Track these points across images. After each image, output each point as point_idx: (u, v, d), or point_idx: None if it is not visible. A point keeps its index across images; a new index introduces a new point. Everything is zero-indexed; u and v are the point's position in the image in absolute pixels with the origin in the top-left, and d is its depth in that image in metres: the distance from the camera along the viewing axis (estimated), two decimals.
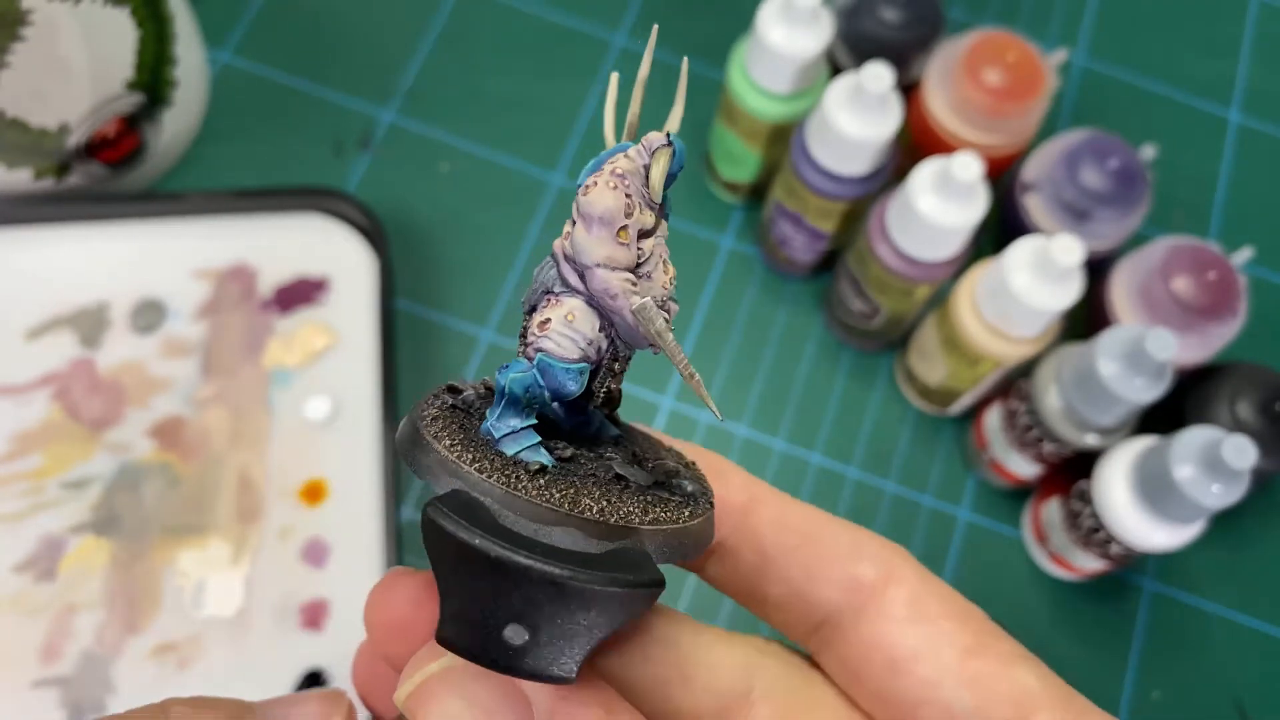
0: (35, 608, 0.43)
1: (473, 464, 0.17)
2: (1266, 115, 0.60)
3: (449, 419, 0.18)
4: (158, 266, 0.49)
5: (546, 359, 0.17)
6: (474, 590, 0.16)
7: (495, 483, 0.16)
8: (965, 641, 0.19)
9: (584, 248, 0.17)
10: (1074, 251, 0.40)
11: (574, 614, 0.16)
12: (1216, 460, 0.37)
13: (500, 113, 0.55)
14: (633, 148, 0.18)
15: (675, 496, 0.18)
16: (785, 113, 0.47)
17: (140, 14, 0.46)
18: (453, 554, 0.16)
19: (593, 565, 0.16)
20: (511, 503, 0.16)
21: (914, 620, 0.19)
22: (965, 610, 0.20)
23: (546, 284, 0.18)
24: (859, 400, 0.51)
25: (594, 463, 0.18)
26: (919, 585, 0.20)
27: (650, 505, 0.17)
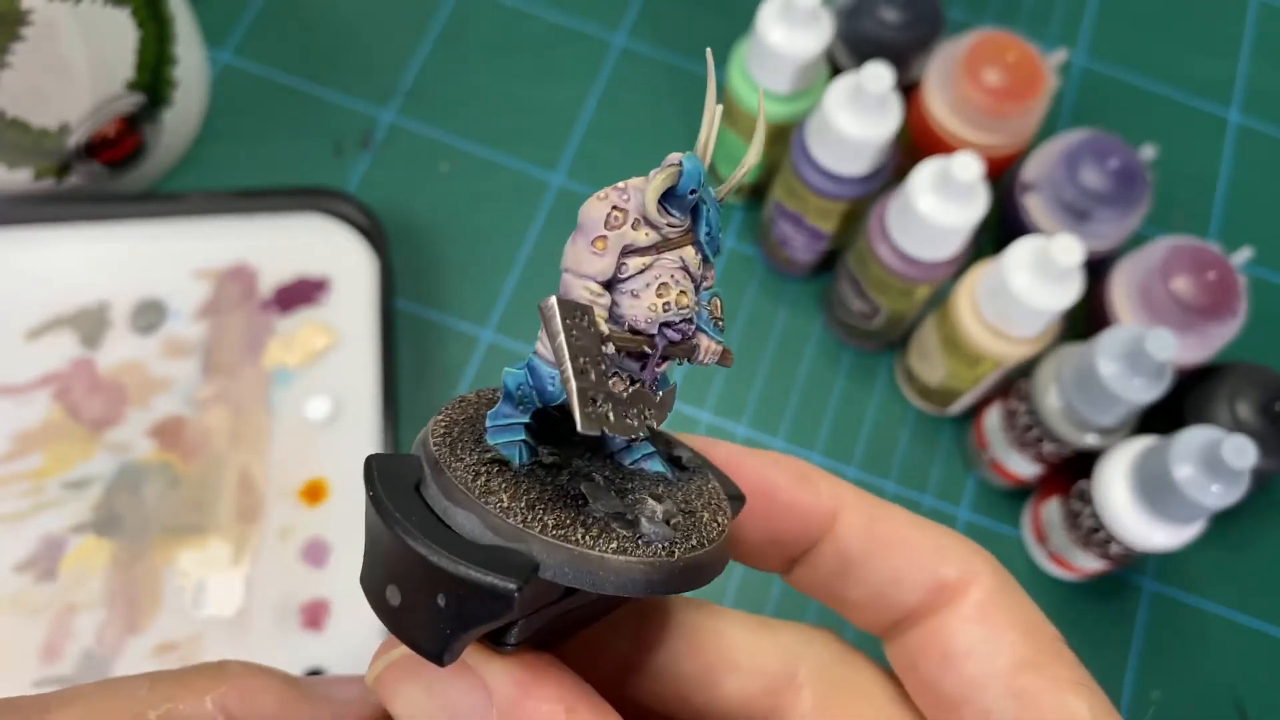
0: (36, 607, 0.43)
1: (435, 435, 0.18)
2: (1266, 115, 0.60)
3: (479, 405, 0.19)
4: (158, 266, 0.49)
5: (535, 360, 0.18)
6: (371, 541, 0.17)
7: (437, 454, 0.17)
8: (1025, 654, 0.19)
9: (570, 253, 0.17)
10: (1074, 251, 0.40)
11: (430, 590, 0.16)
12: (1216, 460, 0.37)
13: (500, 113, 0.55)
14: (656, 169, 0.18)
15: (624, 531, 0.17)
16: (785, 113, 0.47)
17: (140, 14, 0.46)
18: (370, 503, 0.17)
19: (461, 551, 0.16)
20: (437, 476, 0.17)
21: (979, 620, 0.19)
22: (1034, 625, 0.20)
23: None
24: (859, 400, 0.51)
25: (571, 478, 0.18)
26: (995, 591, 0.20)
27: (579, 525, 0.17)
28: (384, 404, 0.46)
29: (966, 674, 0.19)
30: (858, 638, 0.23)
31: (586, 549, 0.17)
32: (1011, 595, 0.20)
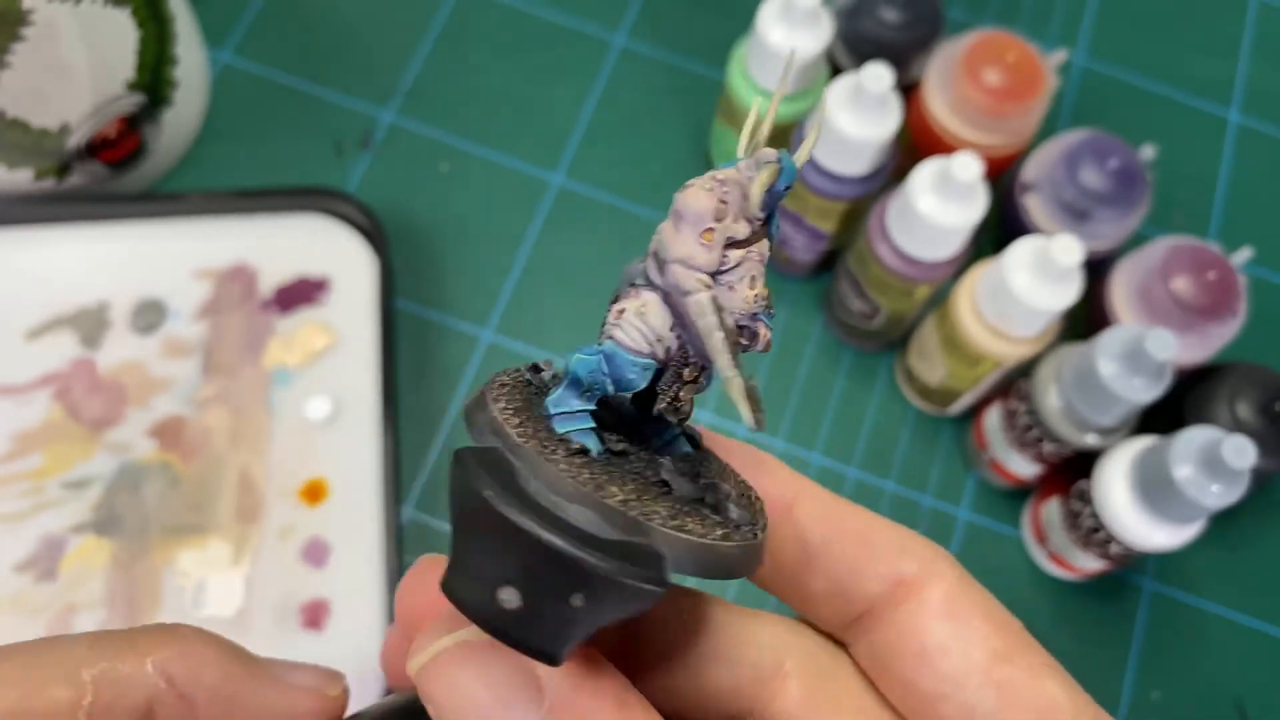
0: (36, 607, 0.43)
1: (516, 427, 0.17)
2: (1266, 115, 0.60)
3: (517, 388, 0.18)
4: (158, 266, 0.49)
5: (614, 346, 0.18)
6: (479, 543, 0.16)
7: (531, 447, 0.16)
8: (997, 645, 0.19)
9: (668, 243, 0.17)
10: (1074, 251, 0.40)
11: (567, 591, 0.16)
12: (1216, 460, 0.37)
13: (500, 113, 0.55)
14: (743, 161, 0.18)
15: (716, 516, 0.18)
16: (785, 113, 0.47)
17: (141, 14, 0.46)
18: (467, 503, 0.16)
19: (598, 548, 0.16)
20: (539, 469, 0.16)
21: (948, 616, 0.20)
22: (1002, 617, 0.20)
23: (632, 277, 0.18)
24: (859, 400, 0.51)
25: (644, 464, 0.18)
26: (958, 586, 0.20)
27: (683, 514, 0.17)
28: (384, 404, 0.46)
29: (944, 670, 0.19)
30: None
31: (700, 539, 0.17)
32: (974, 589, 0.20)
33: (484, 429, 0.17)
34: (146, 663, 0.18)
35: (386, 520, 0.44)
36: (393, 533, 0.44)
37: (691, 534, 0.17)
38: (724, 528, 0.17)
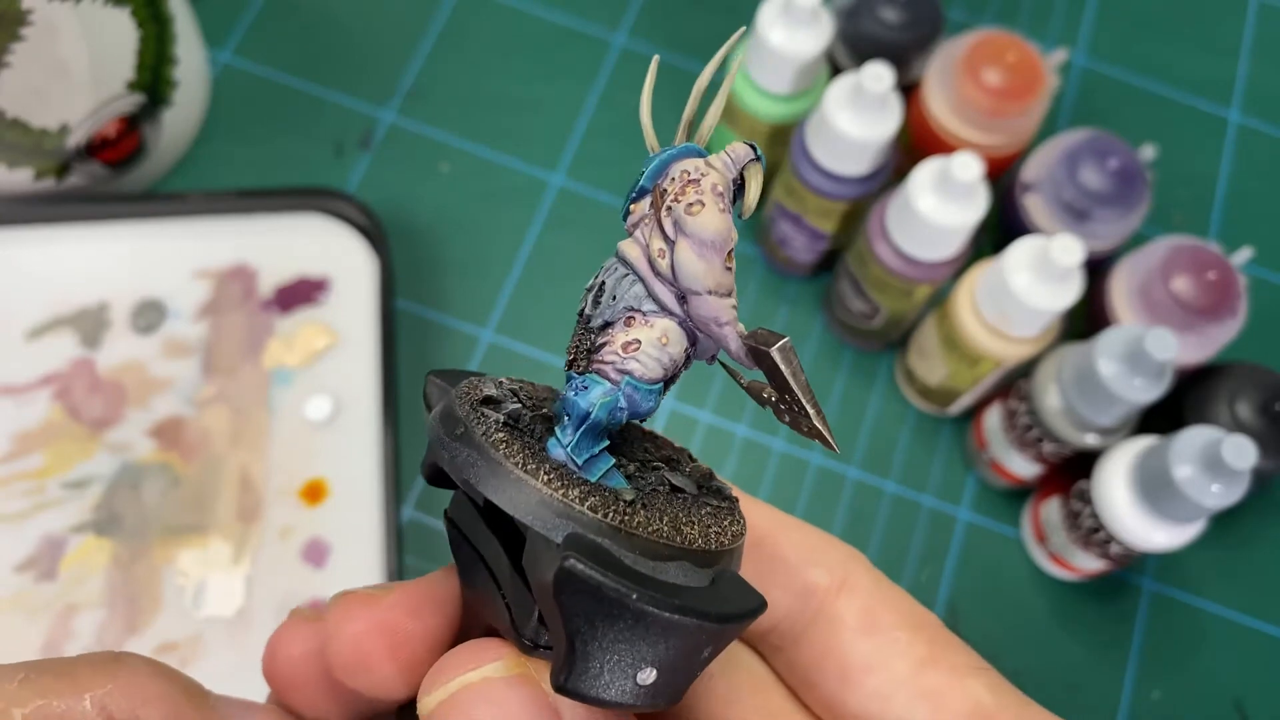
0: (36, 607, 0.43)
1: (583, 502, 0.16)
2: (1266, 115, 0.60)
3: (515, 442, 0.16)
4: (158, 266, 0.49)
5: (633, 381, 0.17)
6: (615, 640, 0.15)
7: (610, 521, 0.16)
8: (919, 653, 0.19)
9: (695, 273, 0.16)
10: (1074, 251, 0.40)
11: (702, 650, 0.16)
12: (1216, 460, 0.37)
13: (500, 113, 0.55)
14: (716, 158, 0.17)
15: (723, 503, 0.18)
16: (785, 113, 0.47)
17: (141, 14, 0.46)
18: (596, 607, 0.15)
19: (715, 602, 0.16)
20: (627, 541, 0.16)
21: (867, 630, 0.19)
22: (920, 619, 0.20)
23: (631, 302, 0.17)
24: (859, 400, 0.51)
25: (647, 473, 0.18)
26: (874, 593, 0.19)
27: (719, 519, 0.17)
28: (384, 404, 0.46)
29: (870, 689, 0.19)
30: None
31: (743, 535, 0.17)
32: (890, 594, 0.20)
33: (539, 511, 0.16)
34: (85, 698, 0.17)
35: (386, 520, 0.44)
36: (393, 533, 0.44)
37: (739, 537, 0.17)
38: (733, 510, 0.18)
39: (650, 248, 0.17)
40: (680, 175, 0.17)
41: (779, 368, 0.16)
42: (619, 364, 0.17)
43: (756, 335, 0.17)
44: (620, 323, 0.17)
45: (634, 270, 0.17)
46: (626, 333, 0.17)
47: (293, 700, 0.19)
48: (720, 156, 0.17)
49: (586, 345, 0.17)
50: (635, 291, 0.17)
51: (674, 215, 0.16)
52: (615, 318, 0.17)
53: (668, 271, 0.17)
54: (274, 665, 0.19)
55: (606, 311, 0.17)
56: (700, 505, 0.17)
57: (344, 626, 0.18)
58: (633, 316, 0.17)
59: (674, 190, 0.17)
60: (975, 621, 0.48)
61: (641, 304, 0.17)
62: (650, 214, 0.17)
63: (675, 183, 0.17)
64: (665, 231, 0.17)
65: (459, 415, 0.17)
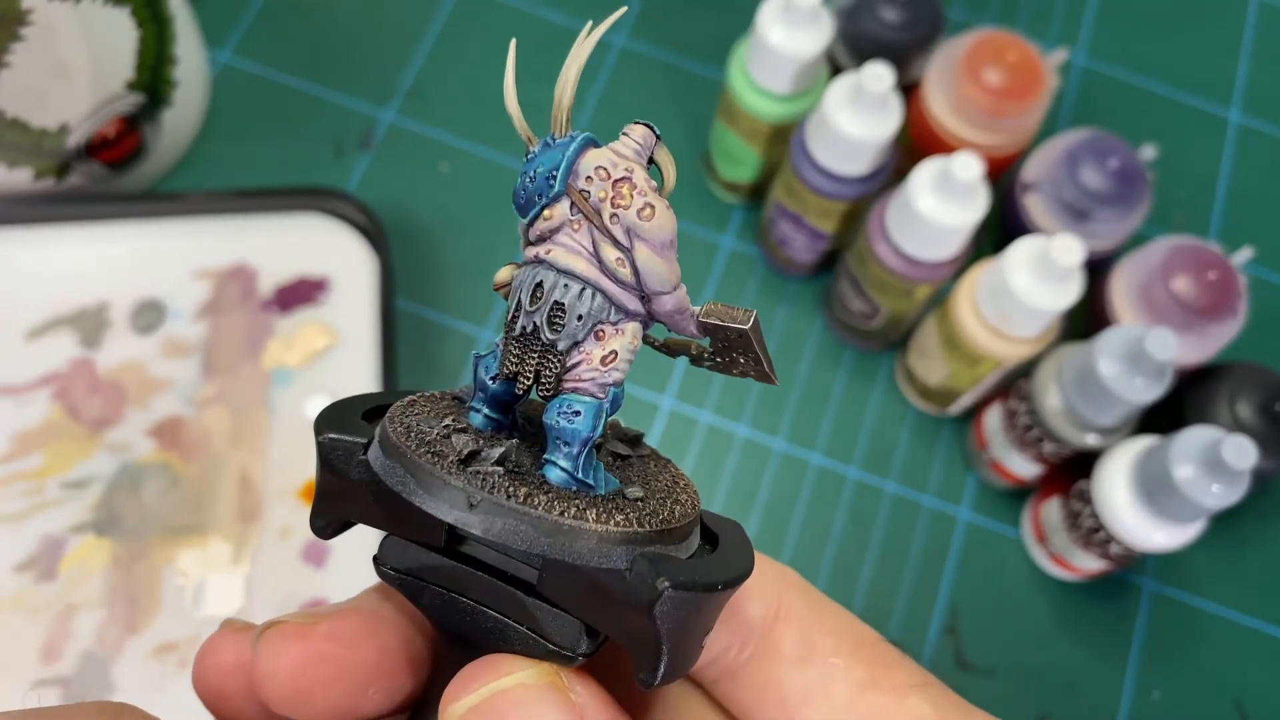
0: (36, 607, 0.43)
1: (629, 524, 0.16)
2: (1266, 115, 0.60)
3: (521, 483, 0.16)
4: (158, 266, 0.49)
5: (617, 391, 0.17)
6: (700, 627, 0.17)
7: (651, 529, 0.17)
8: (858, 676, 0.19)
9: (660, 275, 0.17)
10: (1074, 251, 0.40)
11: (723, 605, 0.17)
12: (1216, 460, 0.37)
13: (500, 113, 0.55)
14: (622, 146, 0.17)
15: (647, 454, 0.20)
16: (785, 113, 0.47)
17: (140, 14, 0.46)
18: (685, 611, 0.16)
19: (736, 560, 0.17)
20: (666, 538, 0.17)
21: (804, 659, 0.19)
22: (858, 639, 0.19)
23: (597, 316, 0.17)
24: (859, 400, 0.51)
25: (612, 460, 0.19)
26: (809, 618, 0.19)
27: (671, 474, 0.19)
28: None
29: (812, 718, 0.19)
30: None
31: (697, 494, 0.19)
32: (828, 617, 0.19)
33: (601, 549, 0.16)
34: None
35: None
36: None
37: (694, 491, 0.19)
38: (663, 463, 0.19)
39: (604, 257, 0.17)
40: (599, 174, 0.16)
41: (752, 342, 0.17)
42: (600, 379, 0.17)
43: (713, 311, 0.17)
44: (590, 338, 0.17)
45: (588, 283, 0.17)
46: (601, 346, 0.17)
47: (221, 711, 0.19)
48: (628, 145, 0.17)
49: (553, 369, 0.17)
50: (598, 304, 0.17)
51: (624, 222, 0.16)
52: (582, 335, 0.17)
53: (630, 278, 0.17)
54: (203, 675, 0.19)
55: (573, 331, 0.17)
56: (645, 465, 0.18)
57: (277, 660, 0.18)
58: (602, 329, 0.17)
59: (607, 194, 0.16)
60: (975, 621, 0.48)
61: (607, 315, 0.17)
62: (576, 219, 0.17)
63: (601, 184, 0.16)
64: (616, 238, 0.16)
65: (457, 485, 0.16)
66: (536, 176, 0.17)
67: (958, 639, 0.47)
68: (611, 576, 0.16)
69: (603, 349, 0.17)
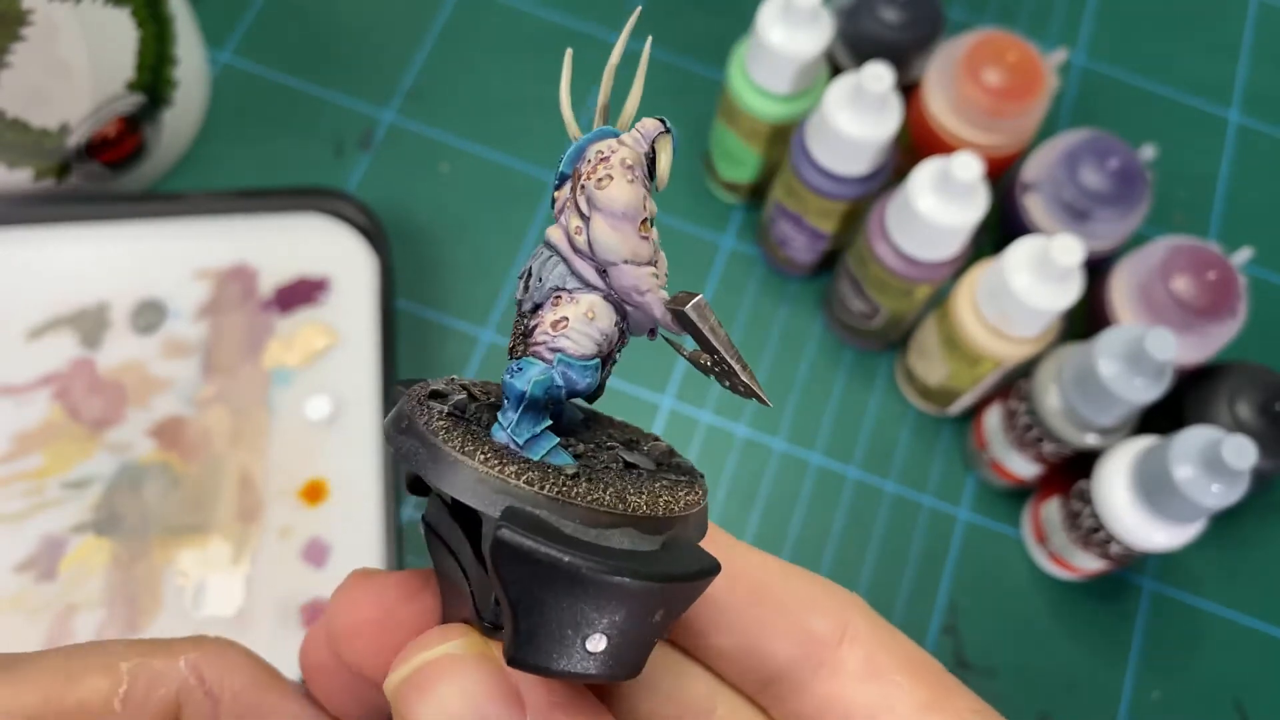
0: (36, 607, 0.43)
1: (520, 477, 0.16)
2: (1266, 115, 0.60)
3: (457, 429, 0.17)
4: (158, 266, 0.49)
5: (566, 358, 0.17)
6: (556, 607, 0.15)
7: (547, 493, 0.16)
8: (921, 697, 0.19)
9: (609, 245, 0.17)
10: (1074, 251, 0.40)
11: (652, 615, 0.16)
12: (1216, 460, 0.37)
13: (500, 113, 0.55)
14: (627, 135, 0.17)
15: (682, 476, 0.18)
16: (785, 113, 0.47)
17: (141, 14, 0.46)
18: (533, 574, 0.15)
19: (659, 563, 0.16)
20: (567, 511, 0.16)
21: (869, 677, 0.19)
22: (920, 663, 0.20)
23: (556, 282, 0.17)
24: (859, 400, 0.51)
25: (600, 453, 0.18)
26: (873, 639, 0.20)
27: (674, 490, 0.17)
28: (384, 404, 0.46)
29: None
30: None
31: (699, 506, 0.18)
32: (889, 637, 0.20)
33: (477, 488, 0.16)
34: (179, 660, 0.19)
35: (386, 520, 0.44)
36: (393, 533, 0.44)
37: (694, 506, 0.17)
38: (693, 483, 0.18)
39: (569, 227, 0.17)
40: (595, 156, 0.17)
41: (696, 325, 0.17)
42: (550, 343, 0.17)
43: (676, 298, 0.17)
44: (548, 303, 0.18)
45: (557, 251, 0.17)
46: (554, 311, 0.17)
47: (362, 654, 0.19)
48: (630, 133, 0.18)
49: (520, 330, 0.18)
50: (559, 271, 0.17)
51: (586, 193, 0.17)
52: (543, 299, 0.18)
53: (585, 247, 0.17)
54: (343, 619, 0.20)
55: (535, 294, 0.18)
56: (656, 479, 0.18)
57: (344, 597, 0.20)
58: (559, 296, 0.17)
59: (587, 170, 0.17)
60: (975, 621, 0.48)
61: (565, 282, 0.17)
62: (570, 197, 0.18)
63: (589, 164, 0.17)
64: (581, 209, 0.17)
65: (405, 410, 0.17)
66: (561, 161, 0.18)
67: (957, 639, 0.48)
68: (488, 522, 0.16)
69: (555, 314, 0.17)
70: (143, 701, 0.18)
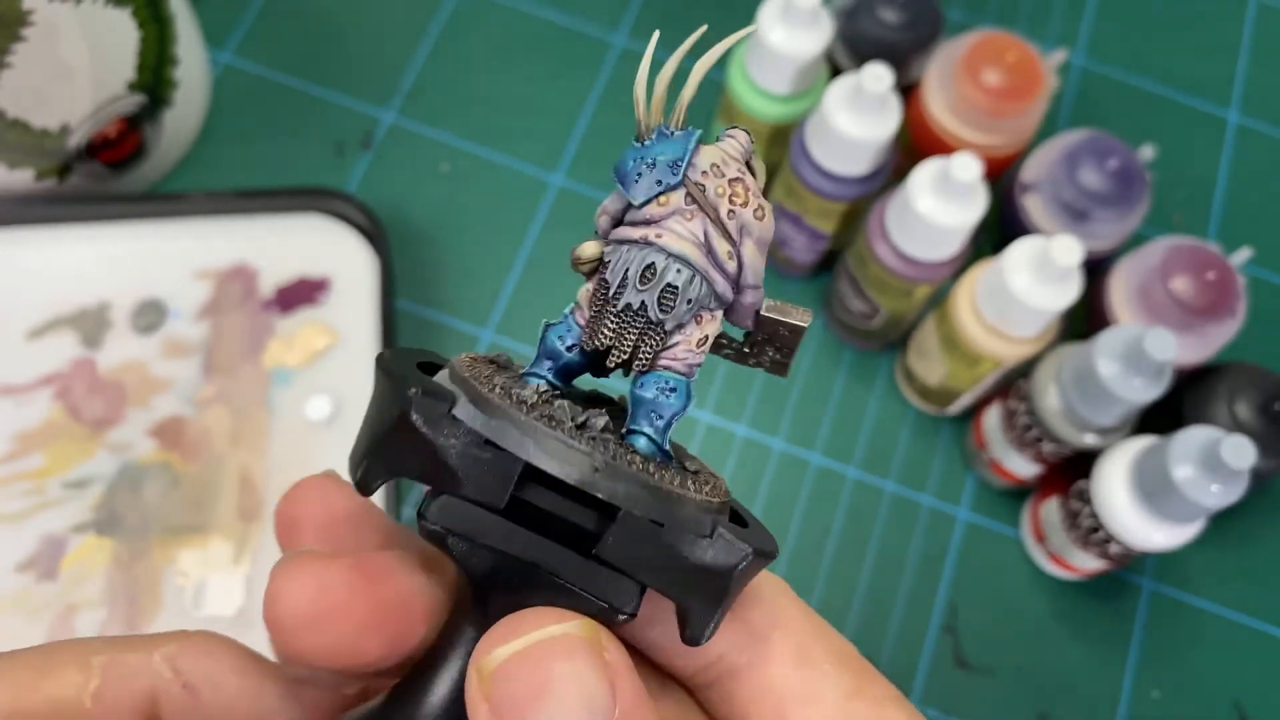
0: (37, 607, 0.43)
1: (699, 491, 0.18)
2: (1266, 115, 0.60)
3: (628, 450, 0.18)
4: (158, 266, 0.49)
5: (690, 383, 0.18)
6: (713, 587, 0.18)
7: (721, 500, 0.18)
8: (846, 685, 0.20)
9: (760, 270, 0.18)
10: (1073, 251, 0.40)
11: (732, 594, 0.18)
12: (1215, 460, 0.38)
13: (500, 113, 0.55)
14: (732, 148, 0.18)
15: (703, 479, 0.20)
16: (785, 113, 0.47)
17: (141, 15, 0.47)
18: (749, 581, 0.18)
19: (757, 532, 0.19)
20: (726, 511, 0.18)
21: (799, 664, 0.20)
22: (845, 652, 0.21)
23: (703, 302, 0.18)
24: (859, 400, 0.51)
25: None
26: (804, 626, 0.20)
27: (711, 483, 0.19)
28: None
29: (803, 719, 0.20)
30: None
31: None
32: (818, 627, 0.21)
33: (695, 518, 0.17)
34: (155, 654, 0.19)
35: None
36: None
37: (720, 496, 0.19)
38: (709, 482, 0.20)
39: (716, 249, 0.18)
40: (714, 170, 0.18)
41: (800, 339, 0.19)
42: (691, 360, 0.18)
43: (774, 306, 0.19)
44: (691, 322, 0.18)
45: (697, 270, 0.18)
46: (700, 330, 0.18)
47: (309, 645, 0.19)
48: (733, 147, 0.18)
49: (653, 346, 0.18)
50: (705, 291, 0.18)
51: (739, 219, 0.18)
52: (686, 318, 0.18)
53: (734, 271, 0.18)
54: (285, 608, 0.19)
55: (680, 313, 0.18)
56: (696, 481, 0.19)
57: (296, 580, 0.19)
58: (701, 314, 0.18)
59: (725, 190, 0.18)
60: (975, 621, 0.48)
61: (710, 302, 0.18)
62: (690, 209, 0.18)
63: (716, 180, 0.18)
64: (730, 233, 0.18)
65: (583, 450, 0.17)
66: (656, 163, 0.18)
67: (957, 638, 0.48)
68: (698, 542, 0.17)
69: (700, 332, 0.18)
70: (115, 697, 0.18)
